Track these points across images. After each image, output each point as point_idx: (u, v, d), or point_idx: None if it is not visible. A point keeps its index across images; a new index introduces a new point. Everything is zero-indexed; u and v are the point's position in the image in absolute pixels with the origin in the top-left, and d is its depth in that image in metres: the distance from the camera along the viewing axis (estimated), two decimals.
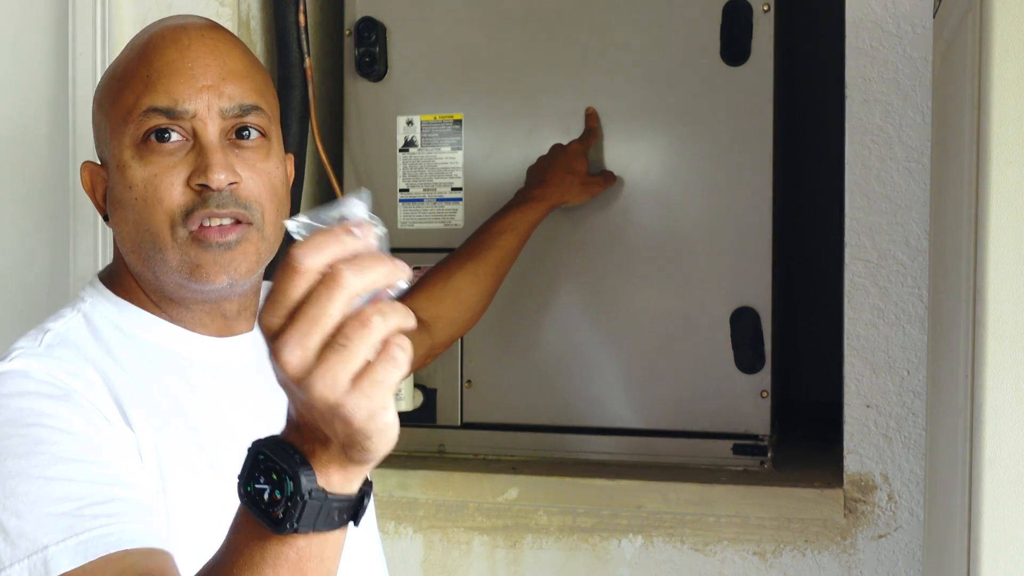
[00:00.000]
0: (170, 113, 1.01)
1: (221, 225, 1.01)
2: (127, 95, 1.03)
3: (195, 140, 1.02)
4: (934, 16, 1.33)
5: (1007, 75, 0.89)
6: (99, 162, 1.09)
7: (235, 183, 1.02)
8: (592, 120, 1.74)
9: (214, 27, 1.08)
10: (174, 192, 1.01)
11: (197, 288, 1.03)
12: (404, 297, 1.71)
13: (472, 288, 1.54)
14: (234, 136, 1.04)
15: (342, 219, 0.68)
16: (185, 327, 1.07)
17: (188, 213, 1.01)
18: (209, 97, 1.02)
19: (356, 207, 0.69)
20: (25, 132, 1.76)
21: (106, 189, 1.07)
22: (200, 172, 1.01)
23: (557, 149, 1.72)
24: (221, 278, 1.02)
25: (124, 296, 1.07)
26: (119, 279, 1.08)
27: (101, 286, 1.08)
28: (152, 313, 1.06)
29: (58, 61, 1.75)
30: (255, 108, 1.05)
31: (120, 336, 1.04)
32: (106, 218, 1.08)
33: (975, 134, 0.93)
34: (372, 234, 0.68)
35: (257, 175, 1.04)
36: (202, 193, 1.01)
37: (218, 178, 1.00)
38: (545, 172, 1.68)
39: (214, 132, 1.02)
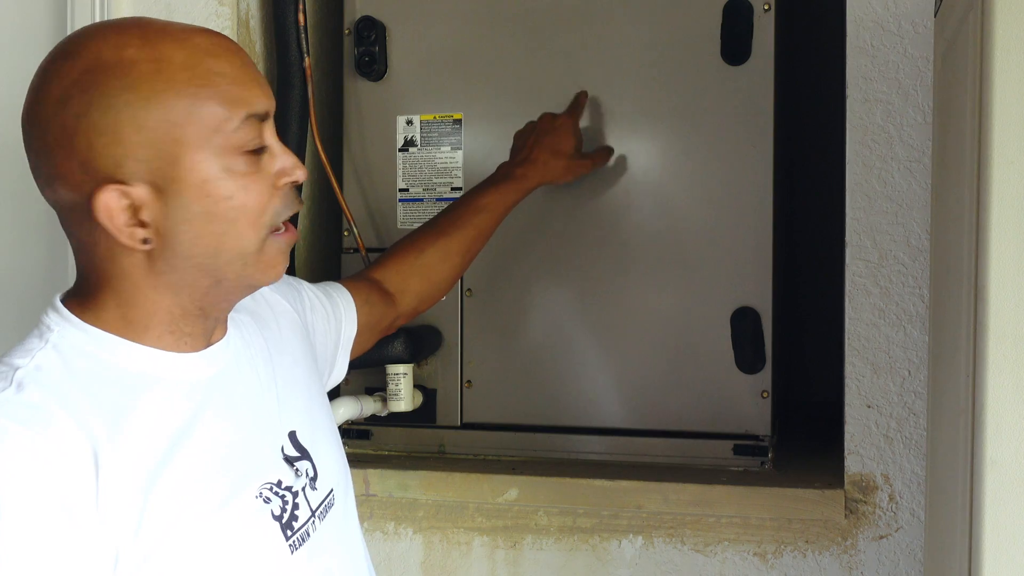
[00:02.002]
0: (264, 117, 1.02)
1: (286, 221, 1.06)
2: (211, 106, 0.98)
3: (263, 141, 1.03)
4: (935, 15, 1.33)
5: (1008, 75, 0.89)
6: (115, 183, 0.98)
7: None
8: (582, 96, 1.74)
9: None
10: (265, 196, 1.02)
11: (256, 287, 1.07)
12: (373, 267, 1.70)
13: (442, 265, 1.53)
14: None
15: None
16: (164, 348, 1.03)
17: (276, 214, 1.03)
18: (269, 99, 1.04)
19: None
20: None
21: (138, 213, 0.98)
22: (288, 171, 1.03)
23: (547, 121, 1.70)
24: (281, 271, 1.06)
25: (93, 322, 1.01)
26: (93, 303, 1.02)
27: (67, 312, 1.02)
28: (124, 338, 1.01)
29: None
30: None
31: (95, 366, 0.99)
32: (144, 241, 0.99)
33: (976, 134, 0.93)
34: None
35: None
36: (282, 192, 1.03)
37: (302, 173, 1.04)
38: (532, 149, 1.65)
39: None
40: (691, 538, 1.67)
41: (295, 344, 1.23)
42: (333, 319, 1.37)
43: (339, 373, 1.41)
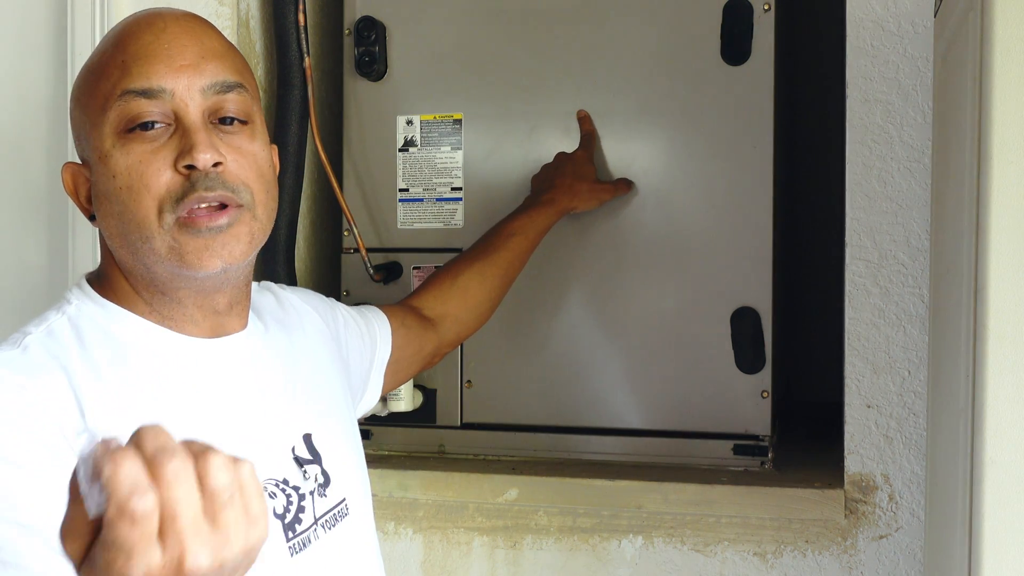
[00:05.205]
0: (148, 94, 0.98)
1: (210, 208, 0.99)
2: (103, 84, 1.00)
3: (177, 123, 0.99)
4: (935, 15, 1.33)
5: (1008, 75, 0.89)
6: (80, 162, 1.05)
7: (220, 164, 0.99)
8: (586, 123, 1.74)
9: (190, 13, 1.06)
10: (162, 178, 0.98)
11: (190, 275, 1.00)
12: (411, 296, 1.67)
13: (479, 287, 1.53)
14: (217, 122, 1.02)
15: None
16: (175, 328, 1.03)
17: (177, 199, 0.98)
18: (189, 76, 1.00)
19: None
20: (24, 132, 1.76)
21: (89, 189, 1.04)
22: (186, 153, 0.98)
23: (563, 157, 1.72)
24: (214, 262, 0.99)
25: (112, 298, 1.04)
26: (108, 281, 1.05)
27: (88, 288, 1.05)
28: (141, 316, 1.03)
29: (57, 61, 1.75)
30: (237, 85, 1.03)
31: (105, 340, 1.01)
32: (92, 218, 1.05)
33: (976, 134, 0.93)
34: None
35: (243, 157, 1.02)
36: (190, 176, 0.98)
37: (204, 157, 0.98)
38: (554, 178, 1.68)
39: (196, 112, 1.00)
40: (691, 538, 1.67)
41: (322, 352, 1.23)
42: (368, 337, 1.36)
43: (372, 395, 1.40)
